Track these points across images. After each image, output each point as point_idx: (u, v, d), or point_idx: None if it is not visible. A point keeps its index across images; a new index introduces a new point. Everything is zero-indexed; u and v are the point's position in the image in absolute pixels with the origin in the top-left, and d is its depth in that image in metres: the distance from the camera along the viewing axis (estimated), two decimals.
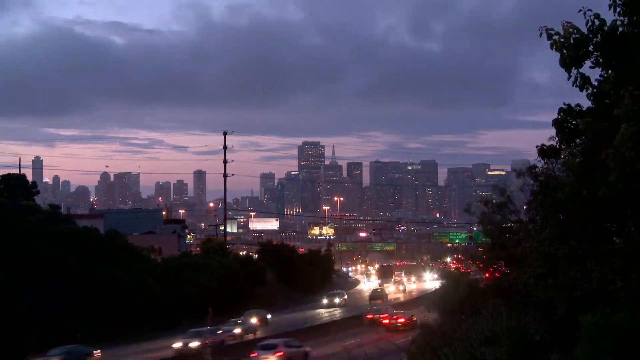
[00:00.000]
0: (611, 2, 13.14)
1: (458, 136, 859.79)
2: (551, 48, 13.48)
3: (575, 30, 13.30)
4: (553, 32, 13.46)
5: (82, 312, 61.79)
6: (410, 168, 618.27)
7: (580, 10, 13.16)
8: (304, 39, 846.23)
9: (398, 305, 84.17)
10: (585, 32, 13.26)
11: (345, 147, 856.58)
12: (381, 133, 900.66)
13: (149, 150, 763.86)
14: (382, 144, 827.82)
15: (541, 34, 13.49)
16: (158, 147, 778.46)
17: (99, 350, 54.89)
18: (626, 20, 13.21)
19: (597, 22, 13.13)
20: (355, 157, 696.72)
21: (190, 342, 54.24)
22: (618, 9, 13.10)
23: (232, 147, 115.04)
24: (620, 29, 13.17)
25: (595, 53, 13.42)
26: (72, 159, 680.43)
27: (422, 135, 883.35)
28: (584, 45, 13.27)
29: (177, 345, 54.96)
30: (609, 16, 13.36)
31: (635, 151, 12.03)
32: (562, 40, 13.33)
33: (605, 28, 13.11)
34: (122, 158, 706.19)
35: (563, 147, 15.39)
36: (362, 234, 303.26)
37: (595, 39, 13.25)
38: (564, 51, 13.33)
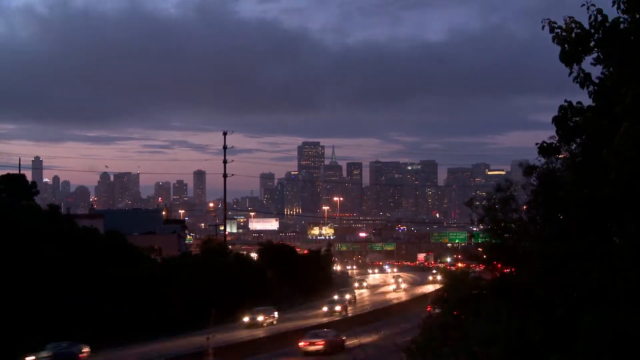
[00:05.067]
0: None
1: (477, 137, 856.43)
2: (553, 41, 13.45)
3: (577, 25, 13.27)
4: (556, 26, 13.43)
5: (82, 313, 61.71)
6: (410, 168, 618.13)
7: (583, 5, 13.14)
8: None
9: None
10: (588, 27, 13.25)
11: (363, 148, 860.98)
12: (401, 134, 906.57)
13: (169, 151, 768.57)
14: (403, 144, 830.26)
15: (544, 26, 13.46)
16: (178, 147, 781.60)
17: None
18: (629, 18, 13.19)
19: (599, 18, 13.10)
20: (374, 157, 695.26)
21: None
22: (622, 7, 13.07)
23: (232, 147, 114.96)
24: (623, 25, 13.13)
25: (596, 49, 13.40)
26: (90, 160, 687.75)
27: (442, 136, 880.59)
28: (585, 40, 13.25)
29: None
30: (612, 12, 13.36)
31: (636, 149, 11.97)
32: (564, 34, 13.31)
33: (607, 24, 13.08)
34: (144, 159, 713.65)
35: (563, 145, 15.37)
36: (362, 234, 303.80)
37: (596, 35, 13.23)
38: (565, 46, 13.31)
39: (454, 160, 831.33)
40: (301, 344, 56.54)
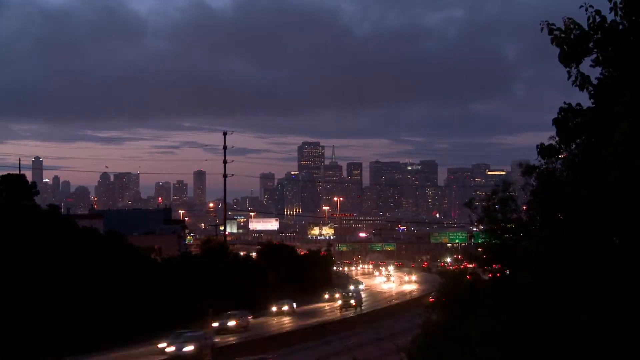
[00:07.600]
0: (612, 4, 13.12)
1: (485, 138, 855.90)
2: (552, 43, 13.45)
3: (576, 27, 13.28)
4: (554, 28, 13.43)
5: (81, 314, 61.70)
6: (410, 168, 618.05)
7: (581, 6, 13.13)
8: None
9: None
10: (587, 28, 13.25)
11: (372, 148, 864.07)
12: (408, 134, 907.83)
13: (178, 151, 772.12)
14: (411, 145, 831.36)
15: (542, 28, 13.45)
16: (188, 147, 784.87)
17: None
18: (626, 23, 13.20)
19: (597, 19, 13.11)
20: (374, 158, 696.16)
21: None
22: (619, 12, 13.09)
23: (232, 147, 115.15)
24: (621, 27, 13.14)
25: (595, 50, 13.40)
26: (99, 160, 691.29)
27: (450, 137, 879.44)
28: (584, 41, 13.25)
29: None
30: (610, 17, 13.37)
31: (635, 149, 11.99)
32: (562, 35, 13.31)
33: (607, 25, 13.08)
34: (152, 159, 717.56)
35: (563, 146, 15.38)
36: (362, 234, 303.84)
37: (595, 36, 13.23)
38: (564, 47, 13.30)
39: (460, 160, 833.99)
40: None
